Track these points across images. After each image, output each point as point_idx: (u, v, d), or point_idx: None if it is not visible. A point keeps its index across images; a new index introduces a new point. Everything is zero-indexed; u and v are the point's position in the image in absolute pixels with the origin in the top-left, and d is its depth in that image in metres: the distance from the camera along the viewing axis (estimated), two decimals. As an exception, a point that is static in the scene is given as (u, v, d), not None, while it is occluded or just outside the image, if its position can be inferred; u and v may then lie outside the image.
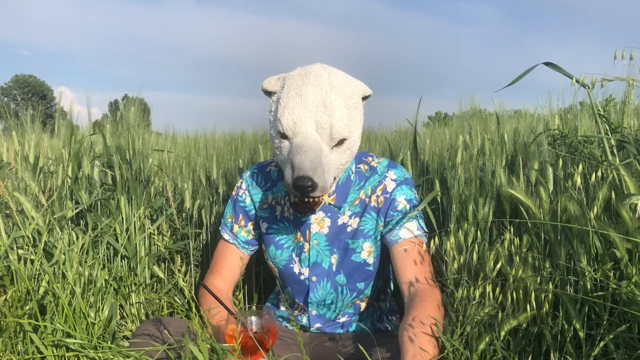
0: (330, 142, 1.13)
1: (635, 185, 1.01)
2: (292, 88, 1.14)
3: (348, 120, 1.13)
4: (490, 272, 1.08)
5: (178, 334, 1.15)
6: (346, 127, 1.13)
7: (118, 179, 1.78)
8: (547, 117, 1.86)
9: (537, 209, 1.12)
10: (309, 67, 1.18)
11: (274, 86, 1.20)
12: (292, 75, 1.17)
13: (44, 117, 2.30)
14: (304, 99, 1.11)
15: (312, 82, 1.12)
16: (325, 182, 1.09)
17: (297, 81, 1.14)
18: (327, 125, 1.10)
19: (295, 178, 1.07)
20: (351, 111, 1.15)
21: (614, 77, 0.84)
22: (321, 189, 1.09)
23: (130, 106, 1.92)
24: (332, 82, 1.13)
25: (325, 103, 1.11)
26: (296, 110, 1.11)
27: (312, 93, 1.11)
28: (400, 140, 2.67)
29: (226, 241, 1.37)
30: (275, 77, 1.21)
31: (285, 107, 1.12)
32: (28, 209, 1.52)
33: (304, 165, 1.06)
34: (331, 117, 1.10)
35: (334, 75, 1.16)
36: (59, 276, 1.33)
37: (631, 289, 0.93)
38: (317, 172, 1.07)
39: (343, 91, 1.14)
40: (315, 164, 1.07)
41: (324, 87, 1.12)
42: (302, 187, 1.06)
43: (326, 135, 1.11)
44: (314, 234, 1.29)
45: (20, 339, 1.26)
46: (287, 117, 1.11)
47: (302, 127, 1.10)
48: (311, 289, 1.29)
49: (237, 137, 3.66)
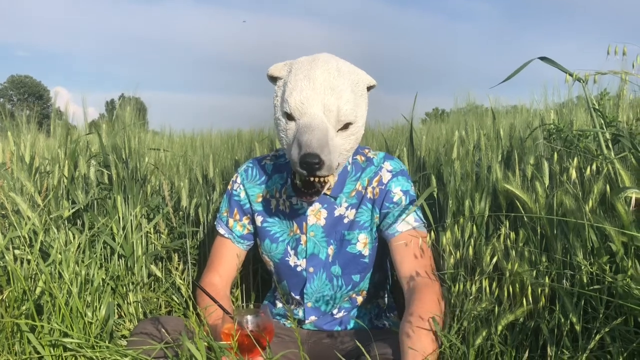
0: (336, 125, 1.14)
1: (630, 179, 1.01)
2: (300, 71, 1.15)
3: (354, 105, 1.15)
4: (487, 267, 1.08)
5: (176, 332, 1.15)
6: (352, 111, 1.14)
7: (114, 178, 1.78)
8: (542, 111, 1.86)
9: (533, 204, 1.13)
10: (317, 54, 1.20)
11: (280, 71, 1.21)
12: (300, 61, 1.19)
13: (40, 117, 2.29)
14: (312, 81, 1.13)
15: (320, 66, 1.14)
16: (331, 161, 1.10)
17: (305, 65, 1.16)
18: (335, 108, 1.12)
19: (302, 155, 1.07)
20: (357, 97, 1.17)
21: (608, 71, 0.84)
22: (327, 168, 1.10)
23: (126, 105, 1.92)
24: (339, 67, 1.16)
25: (333, 86, 1.12)
26: (304, 91, 1.12)
27: (320, 76, 1.13)
28: (396, 136, 2.67)
29: (222, 236, 1.38)
30: (281, 63, 1.22)
31: (294, 88, 1.14)
32: (24, 209, 1.52)
33: (311, 143, 1.07)
34: (339, 100, 1.12)
35: (342, 62, 1.18)
36: (55, 276, 1.32)
37: (627, 282, 0.93)
38: (324, 151, 1.08)
39: (350, 77, 1.16)
40: (323, 143, 1.08)
41: (331, 72, 1.14)
42: (309, 164, 1.07)
43: (333, 117, 1.12)
44: (310, 225, 1.29)
45: (18, 339, 1.25)
46: (295, 97, 1.13)
47: (310, 109, 1.12)
48: (308, 280, 1.30)
49: (234, 136, 3.65)
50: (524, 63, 1.17)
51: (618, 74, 0.84)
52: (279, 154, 1.39)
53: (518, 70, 1.17)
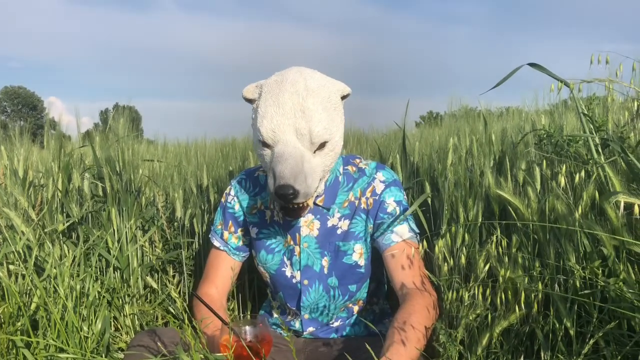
0: (311, 147, 1.13)
1: (620, 183, 1.02)
2: (270, 96, 1.14)
3: (327, 122, 1.13)
4: (481, 273, 1.08)
5: (173, 344, 1.15)
6: (326, 130, 1.13)
7: (108, 190, 1.78)
8: (533, 115, 1.87)
9: (525, 209, 1.13)
10: (285, 73, 1.18)
11: (252, 94, 1.20)
12: (269, 83, 1.17)
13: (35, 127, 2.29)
14: (281, 106, 1.11)
15: (288, 89, 1.12)
16: (307, 187, 1.10)
17: (273, 88, 1.15)
18: (307, 131, 1.11)
19: (276, 187, 1.07)
20: (330, 113, 1.15)
21: (593, 79, 0.85)
22: (303, 195, 1.10)
23: (120, 116, 1.92)
24: (308, 86, 1.13)
25: (303, 109, 1.11)
26: (274, 118, 1.11)
27: (288, 100, 1.11)
28: (390, 143, 2.68)
29: (217, 248, 1.37)
30: (253, 85, 1.21)
31: (264, 115, 1.13)
32: (18, 224, 1.52)
33: (284, 174, 1.07)
34: (310, 123, 1.10)
35: (310, 79, 1.16)
36: (50, 291, 1.32)
37: (619, 286, 0.94)
38: (298, 180, 1.07)
39: (320, 94, 1.14)
40: (296, 172, 1.08)
41: (300, 93, 1.12)
42: (283, 196, 1.07)
43: (307, 140, 1.11)
44: (303, 236, 1.29)
45: (13, 356, 1.25)
46: (266, 126, 1.12)
47: (282, 135, 1.11)
48: (303, 292, 1.30)
49: (228, 144, 3.66)
50: (513, 70, 1.18)
51: (603, 81, 0.85)
52: None
53: (507, 76, 1.18)
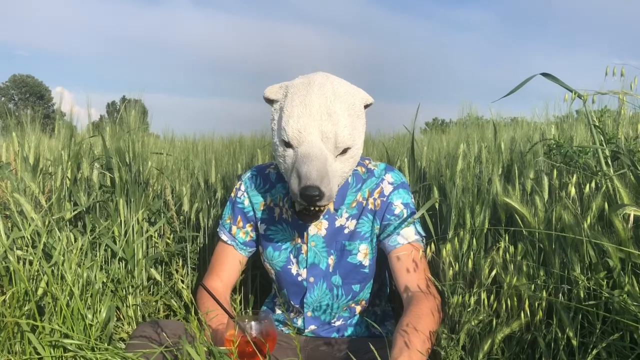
0: (335, 151, 1.14)
1: (628, 196, 1.02)
2: (296, 97, 1.14)
3: (352, 129, 1.14)
4: (486, 280, 1.09)
5: (175, 336, 1.16)
6: (350, 136, 1.14)
7: (117, 181, 1.79)
8: (543, 125, 1.88)
9: (532, 218, 1.14)
10: (312, 76, 1.19)
11: (276, 94, 1.21)
12: (295, 84, 1.18)
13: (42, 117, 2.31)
14: (308, 107, 1.12)
15: (316, 91, 1.13)
16: (331, 191, 1.11)
17: (300, 90, 1.15)
18: (332, 135, 1.11)
19: (302, 187, 1.07)
20: (354, 120, 1.16)
21: (607, 91, 0.85)
22: (327, 198, 1.10)
23: (131, 109, 1.93)
24: (335, 91, 1.14)
25: (330, 112, 1.12)
26: (301, 119, 1.11)
27: (316, 102, 1.12)
28: (397, 146, 2.69)
29: (224, 242, 1.39)
30: (277, 85, 1.22)
31: (290, 115, 1.13)
32: (28, 210, 1.53)
33: (311, 175, 1.07)
34: (336, 126, 1.11)
35: (337, 84, 1.17)
36: (57, 277, 1.33)
37: (624, 298, 0.94)
38: (324, 182, 1.08)
39: (346, 100, 1.15)
40: (322, 174, 1.08)
41: (328, 96, 1.13)
42: (309, 197, 1.07)
43: (331, 144, 1.12)
44: (311, 235, 1.30)
45: (18, 340, 1.26)
46: (292, 125, 1.12)
47: (308, 137, 1.11)
48: (308, 289, 1.31)
49: (236, 141, 3.67)
50: (526, 79, 1.19)
51: (617, 94, 0.86)
52: None
53: (520, 85, 1.19)
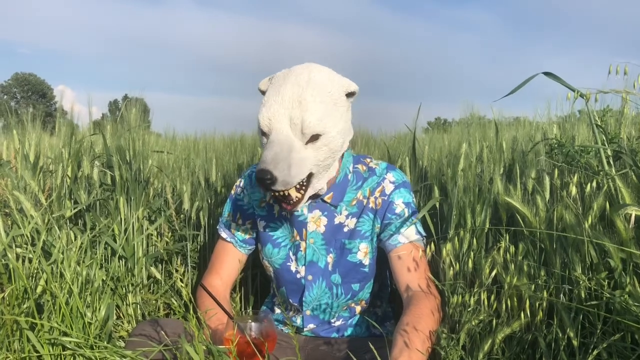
0: (302, 138, 1.13)
1: (630, 196, 1.02)
2: (274, 87, 1.17)
3: (322, 115, 1.13)
4: (486, 280, 1.09)
5: (174, 335, 1.16)
6: (319, 122, 1.12)
7: (117, 179, 1.79)
8: (545, 125, 1.87)
9: (533, 218, 1.13)
10: (294, 67, 1.20)
11: (264, 86, 1.23)
12: (277, 75, 1.20)
13: (44, 115, 2.31)
14: (280, 95, 1.13)
15: (291, 81, 1.15)
16: (288, 176, 1.09)
17: (279, 80, 1.17)
18: (299, 121, 1.11)
19: (256, 171, 1.08)
20: (328, 107, 1.15)
21: (610, 90, 0.85)
22: (282, 183, 1.09)
23: (132, 107, 1.93)
24: (310, 79, 1.15)
25: (300, 99, 1.12)
26: (272, 107, 1.13)
27: (289, 90, 1.13)
28: (399, 146, 2.68)
29: (224, 240, 1.38)
30: (267, 78, 1.24)
31: (264, 104, 1.15)
32: (27, 208, 1.53)
33: (265, 159, 1.08)
34: (304, 112, 1.11)
35: (316, 72, 1.17)
36: (56, 275, 1.33)
37: (625, 299, 0.94)
38: (278, 166, 1.07)
39: (321, 88, 1.15)
40: (279, 158, 1.08)
41: (301, 85, 1.14)
42: (261, 180, 1.08)
43: (298, 130, 1.12)
44: (310, 232, 1.29)
45: (17, 337, 1.26)
46: (264, 114, 1.14)
47: (276, 124, 1.12)
48: (307, 287, 1.30)
49: (237, 140, 3.67)
50: (528, 78, 1.18)
51: (620, 92, 0.85)
52: None
53: (522, 84, 1.18)
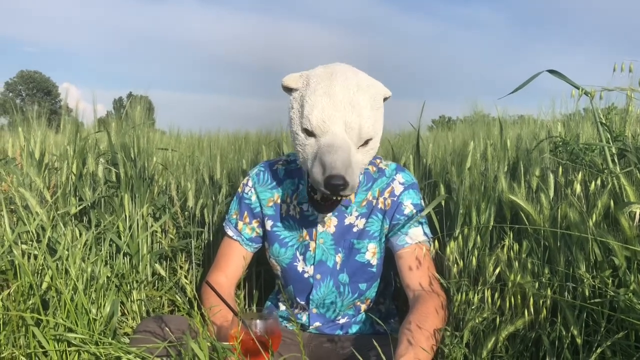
0: (357, 142, 1.14)
1: (635, 194, 1.01)
2: (320, 87, 1.14)
3: (374, 120, 1.15)
4: (490, 277, 1.09)
5: (179, 331, 1.16)
6: (373, 128, 1.14)
7: (122, 176, 1.80)
8: (549, 123, 1.87)
9: (537, 215, 1.13)
10: (334, 66, 1.19)
11: (295, 83, 1.20)
12: (317, 74, 1.17)
13: (49, 113, 2.31)
14: (332, 98, 1.12)
15: (340, 82, 1.13)
16: (354, 181, 1.11)
17: (324, 80, 1.15)
18: (356, 125, 1.12)
19: (327, 177, 1.07)
20: (375, 112, 1.17)
21: (614, 87, 0.84)
22: (351, 188, 1.10)
23: (136, 105, 1.94)
24: (358, 82, 1.15)
25: (353, 103, 1.12)
26: (326, 109, 1.12)
27: (340, 92, 1.12)
28: (403, 143, 2.68)
29: (230, 238, 1.39)
30: (297, 74, 1.21)
31: (314, 105, 1.13)
32: (33, 205, 1.54)
33: (336, 164, 1.07)
34: (360, 117, 1.12)
35: (360, 76, 1.18)
36: (61, 272, 1.34)
37: (629, 297, 0.93)
38: (348, 172, 1.08)
39: (368, 92, 1.16)
40: (347, 164, 1.09)
41: (351, 88, 1.13)
42: (334, 186, 1.07)
43: (355, 135, 1.13)
44: (320, 232, 1.30)
45: (23, 333, 1.27)
46: (317, 115, 1.12)
47: (332, 127, 1.12)
48: (315, 286, 1.31)
49: (241, 138, 3.67)
50: (533, 75, 1.18)
51: (625, 90, 0.85)
52: (290, 159, 1.40)
53: (526, 82, 1.18)
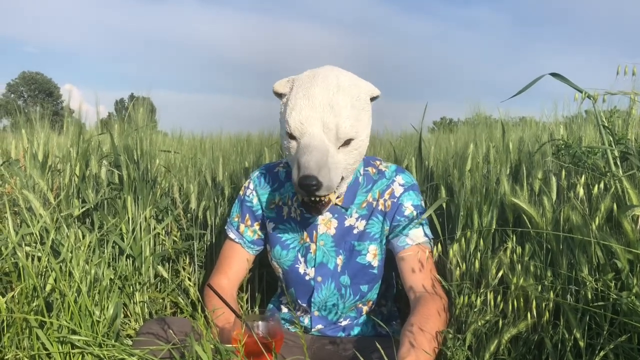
0: (336, 142, 1.15)
1: (638, 197, 1.01)
2: (300, 89, 1.16)
3: (354, 120, 1.15)
4: (493, 280, 1.09)
5: (181, 333, 1.17)
6: (352, 128, 1.14)
7: (125, 178, 1.80)
8: (552, 125, 1.87)
9: (539, 218, 1.13)
10: (318, 69, 1.20)
11: (283, 88, 1.22)
12: (301, 77, 1.20)
13: (51, 114, 2.32)
14: (310, 99, 1.13)
15: (319, 84, 1.15)
16: (330, 181, 1.11)
17: (305, 83, 1.17)
18: (334, 126, 1.12)
19: (300, 177, 1.09)
20: (358, 112, 1.17)
21: (617, 91, 0.85)
22: (326, 188, 1.11)
23: (139, 106, 1.94)
24: (339, 83, 1.16)
25: (332, 104, 1.13)
26: (303, 111, 1.13)
27: (319, 94, 1.13)
28: (405, 145, 2.68)
29: (232, 240, 1.39)
30: (285, 79, 1.23)
31: (293, 108, 1.15)
32: (36, 207, 1.54)
33: (309, 165, 1.08)
34: (337, 118, 1.12)
35: (342, 76, 1.18)
36: (65, 274, 1.34)
37: (632, 300, 0.94)
38: (322, 172, 1.09)
39: (350, 92, 1.16)
40: (321, 164, 1.09)
41: (330, 88, 1.14)
42: (307, 186, 1.09)
43: (332, 135, 1.13)
44: (320, 234, 1.30)
45: (27, 335, 1.27)
46: (295, 117, 1.14)
47: (309, 128, 1.13)
48: (316, 289, 1.31)
49: (243, 139, 3.68)
50: (535, 79, 1.18)
51: (628, 94, 0.85)
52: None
53: (529, 85, 1.19)
